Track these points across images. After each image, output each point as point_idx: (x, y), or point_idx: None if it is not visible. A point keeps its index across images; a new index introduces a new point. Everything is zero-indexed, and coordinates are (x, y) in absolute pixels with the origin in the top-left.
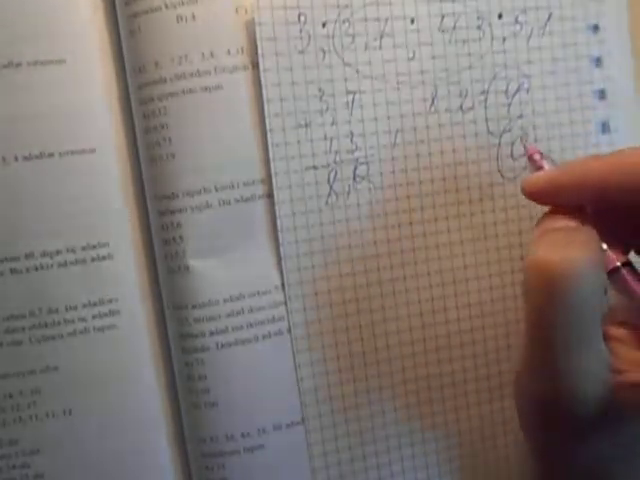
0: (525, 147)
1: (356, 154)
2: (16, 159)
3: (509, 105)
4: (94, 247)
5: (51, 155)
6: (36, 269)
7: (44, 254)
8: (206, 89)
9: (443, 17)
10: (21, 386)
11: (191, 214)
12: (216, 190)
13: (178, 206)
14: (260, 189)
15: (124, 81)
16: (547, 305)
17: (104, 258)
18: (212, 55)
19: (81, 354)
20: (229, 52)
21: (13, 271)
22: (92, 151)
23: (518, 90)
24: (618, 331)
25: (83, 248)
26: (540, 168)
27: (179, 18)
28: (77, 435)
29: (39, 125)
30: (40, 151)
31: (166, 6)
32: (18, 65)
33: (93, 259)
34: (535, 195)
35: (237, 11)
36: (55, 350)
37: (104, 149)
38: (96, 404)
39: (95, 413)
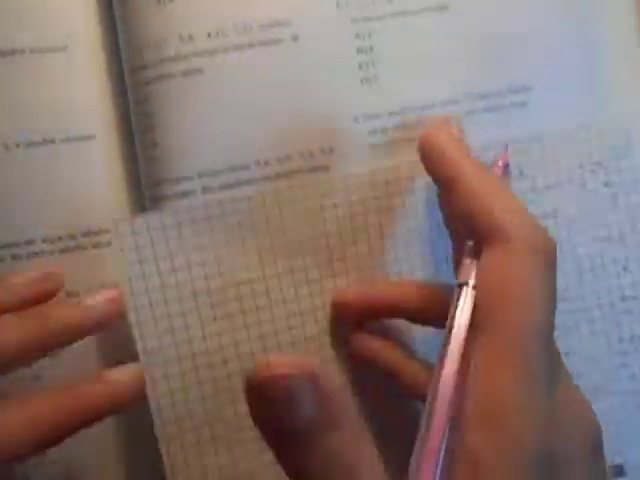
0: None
1: None
2: (17, 146)
3: None
4: (95, 234)
5: (52, 141)
6: (37, 255)
7: (45, 240)
8: (185, 73)
9: None
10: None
11: (174, 202)
12: (199, 177)
13: (163, 193)
14: (243, 175)
15: (121, 67)
16: None
17: (105, 245)
18: (191, 38)
19: None
20: (209, 35)
21: (14, 257)
22: (93, 138)
23: None
24: None
25: (84, 235)
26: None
27: (159, 1)
28: None
29: (41, 112)
30: (42, 138)
31: None
32: (21, 52)
33: (94, 246)
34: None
35: None
36: None
37: (105, 135)
38: None
39: None
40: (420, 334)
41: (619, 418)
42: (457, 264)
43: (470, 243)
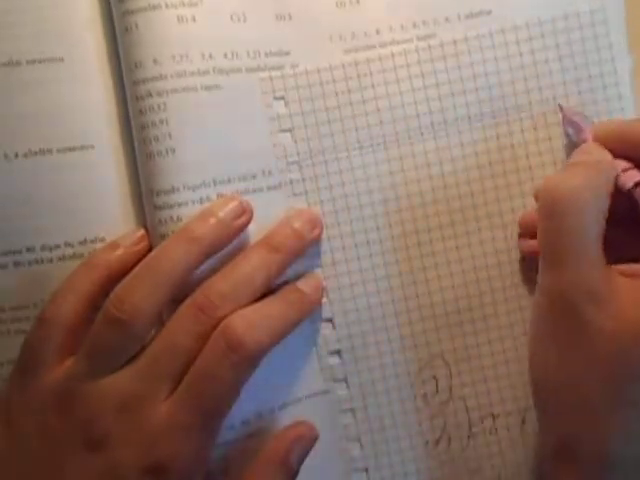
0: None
1: None
2: (16, 156)
3: None
4: (92, 242)
5: (49, 151)
6: (37, 262)
7: (43, 248)
8: (206, 88)
9: None
10: None
11: (192, 207)
12: (214, 184)
13: (178, 200)
14: (256, 183)
15: (121, 78)
16: (550, 222)
17: None
18: (211, 56)
19: None
20: (226, 55)
21: (16, 264)
22: (91, 147)
23: None
24: None
25: (81, 243)
26: (581, 131)
27: (180, 18)
28: None
29: (38, 122)
30: (39, 147)
31: (166, 5)
32: (18, 63)
33: (90, 253)
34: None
35: (232, 18)
36: None
37: (103, 145)
38: None
39: None
40: None
41: None
42: None
43: None
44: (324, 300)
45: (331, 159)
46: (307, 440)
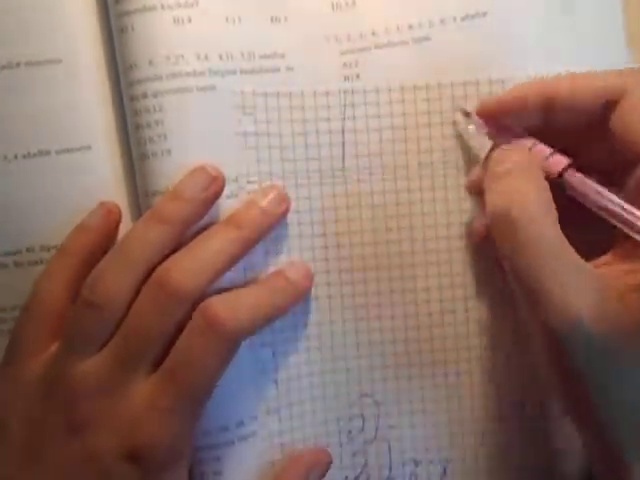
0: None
1: None
2: (16, 157)
3: None
4: None
5: (48, 153)
6: (36, 263)
7: (43, 248)
8: (202, 89)
9: None
10: None
11: None
12: None
13: None
14: (250, 186)
15: (118, 79)
16: (509, 250)
17: None
18: (206, 57)
19: None
20: (221, 57)
21: (16, 264)
22: (88, 148)
23: None
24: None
25: None
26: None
27: (176, 19)
28: None
29: (37, 124)
30: (38, 149)
31: (162, 6)
32: (17, 65)
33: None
34: (487, 113)
35: (227, 20)
36: None
37: (100, 146)
38: None
39: None
40: None
41: None
42: None
43: None
44: None
45: (290, 185)
46: (323, 465)
